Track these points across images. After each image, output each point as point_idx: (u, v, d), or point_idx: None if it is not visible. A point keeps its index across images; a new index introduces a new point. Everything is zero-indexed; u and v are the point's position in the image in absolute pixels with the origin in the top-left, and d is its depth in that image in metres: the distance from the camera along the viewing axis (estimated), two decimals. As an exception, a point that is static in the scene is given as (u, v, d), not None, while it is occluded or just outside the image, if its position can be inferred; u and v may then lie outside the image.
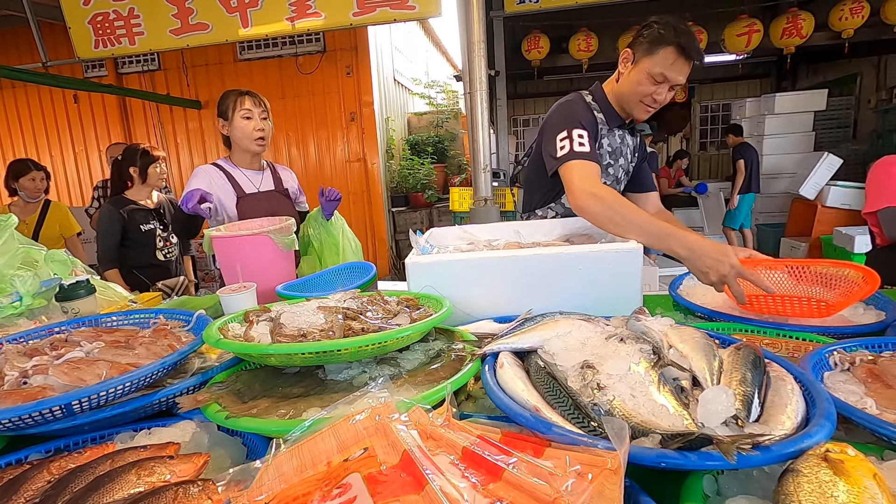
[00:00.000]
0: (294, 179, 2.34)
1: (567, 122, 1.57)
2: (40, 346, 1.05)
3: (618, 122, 1.69)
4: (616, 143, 1.72)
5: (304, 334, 0.92)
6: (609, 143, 1.69)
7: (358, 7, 3.58)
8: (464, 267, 1.26)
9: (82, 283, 1.42)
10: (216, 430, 0.84)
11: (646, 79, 1.54)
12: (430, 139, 7.42)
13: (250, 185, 2.13)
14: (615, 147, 1.71)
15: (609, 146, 1.70)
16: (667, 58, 1.49)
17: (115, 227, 2.70)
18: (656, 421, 0.63)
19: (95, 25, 3.92)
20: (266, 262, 1.62)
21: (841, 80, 7.24)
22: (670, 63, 1.49)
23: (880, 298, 1.22)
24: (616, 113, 1.68)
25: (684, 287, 1.45)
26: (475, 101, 3.22)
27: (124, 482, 0.64)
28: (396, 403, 0.69)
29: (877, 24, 5.02)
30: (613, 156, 1.71)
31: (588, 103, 1.67)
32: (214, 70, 6.23)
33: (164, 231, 2.89)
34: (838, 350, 0.88)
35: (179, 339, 1.10)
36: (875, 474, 0.52)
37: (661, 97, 1.56)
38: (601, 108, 1.67)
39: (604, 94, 1.68)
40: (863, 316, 1.18)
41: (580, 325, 0.89)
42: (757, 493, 0.58)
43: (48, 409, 0.78)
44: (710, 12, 5.30)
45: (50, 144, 6.71)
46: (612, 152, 1.71)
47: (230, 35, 3.81)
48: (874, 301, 1.23)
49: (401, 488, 0.53)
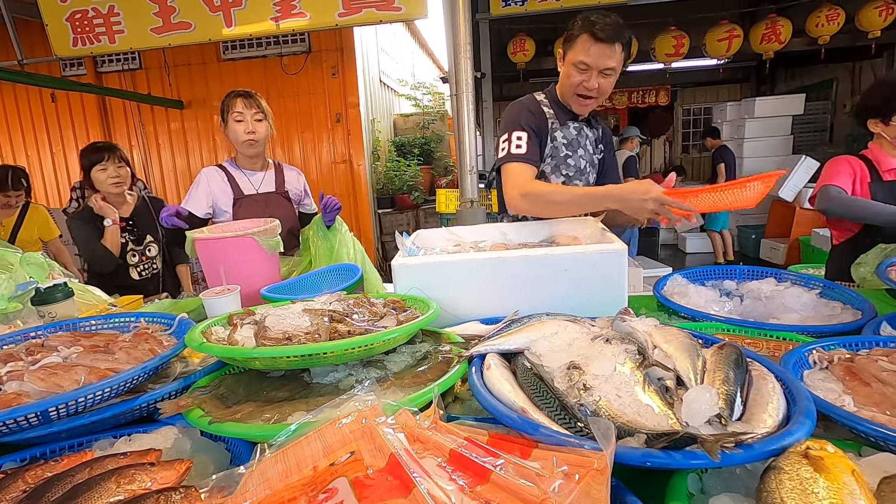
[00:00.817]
0: (300, 181, 2.29)
1: (509, 125, 1.70)
2: (15, 351, 1.02)
3: (570, 117, 1.78)
4: (572, 136, 1.78)
5: (290, 337, 0.91)
6: (564, 135, 1.76)
7: (343, 8, 3.56)
8: (450, 269, 1.26)
9: (59, 287, 1.39)
10: (199, 436, 0.82)
11: (572, 70, 1.63)
12: (416, 141, 7.42)
13: (249, 187, 2.13)
14: (571, 139, 1.78)
15: (564, 139, 1.76)
16: (583, 45, 1.58)
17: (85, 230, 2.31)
18: (642, 421, 0.63)
19: (74, 23, 3.84)
20: (250, 265, 1.60)
21: (818, 85, 7.43)
22: (587, 49, 1.57)
23: (857, 298, 1.25)
24: (566, 108, 1.77)
25: (668, 288, 1.47)
26: (461, 102, 3.22)
27: (103, 490, 0.62)
28: (383, 406, 0.69)
29: (852, 31, 5.16)
30: (571, 147, 1.78)
31: (539, 101, 1.77)
32: (197, 70, 6.14)
33: (138, 244, 2.44)
34: (817, 349, 0.90)
35: (161, 342, 1.08)
36: (853, 470, 0.53)
37: (592, 84, 1.62)
38: (552, 105, 1.76)
39: (555, 92, 1.78)
40: (840, 315, 1.21)
41: (566, 326, 0.90)
42: (740, 491, 0.59)
43: (23, 417, 0.76)
44: (691, 18, 5.40)
45: (26, 144, 6.54)
46: (568, 144, 1.77)
47: (213, 34, 3.76)
48: (851, 301, 1.26)
49: (388, 492, 0.53)
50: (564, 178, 1.78)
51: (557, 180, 1.77)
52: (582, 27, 1.57)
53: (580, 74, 1.62)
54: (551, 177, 1.77)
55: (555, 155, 1.75)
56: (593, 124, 1.88)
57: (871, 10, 4.87)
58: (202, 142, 6.32)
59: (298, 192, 2.27)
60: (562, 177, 1.78)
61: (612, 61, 1.58)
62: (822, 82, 7.36)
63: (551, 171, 1.77)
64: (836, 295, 1.32)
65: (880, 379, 0.79)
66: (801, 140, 7.17)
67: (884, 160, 1.93)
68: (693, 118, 8.92)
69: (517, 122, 1.69)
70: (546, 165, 1.76)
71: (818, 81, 7.41)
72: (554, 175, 1.77)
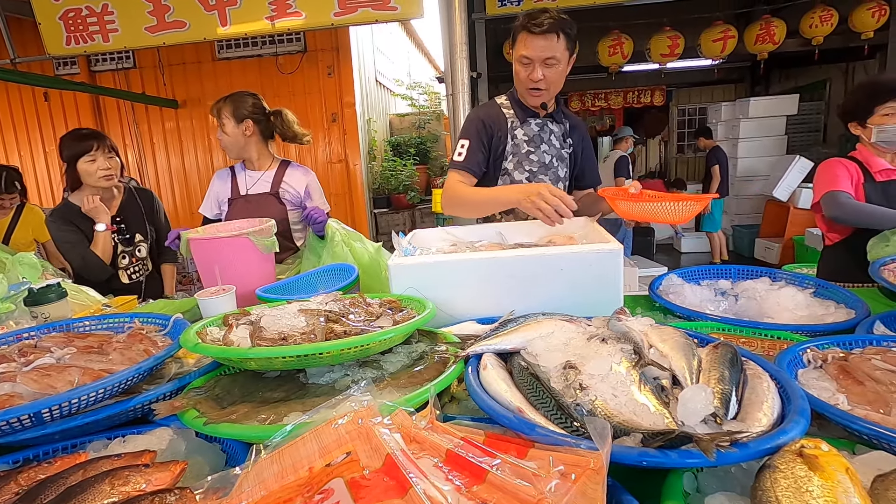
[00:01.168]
0: (303, 182, 2.19)
1: (460, 133, 1.86)
2: (8, 352, 1.01)
3: (530, 114, 1.86)
4: (533, 132, 1.86)
5: (285, 338, 0.90)
6: (525, 133, 1.85)
7: (339, 7, 3.55)
8: (447, 268, 1.26)
9: (53, 287, 1.38)
10: (194, 437, 0.82)
11: (518, 66, 1.74)
12: (412, 140, 7.40)
13: (243, 187, 2.15)
14: (532, 135, 1.85)
15: (525, 135, 1.85)
16: (523, 41, 1.69)
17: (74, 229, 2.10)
18: (637, 420, 0.64)
19: (67, 22, 3.81)
20: (245, 265, 1.59)
21: (811, 86, 7.47)
22: (525, 43, 1.68)
23: (850, 297, 1.26)
24: (526, 106, 1.86)
25: (664, 287, 1.47)
26: (457, 102, 3.23)
27: (97, 492, 0.62)
28: (379, 407, 0.68)
29: (845, 32, 5.19)
30: (532, 143, 1.86)
31: (499, 104, 1.89)
32: (192, 69, 6.11)
33: (127, 244, 2.24)
34: (811, 348, 0.91)
35: (155, 343, 1.08)
36: (847, 468, 0.54)
37: (536, 76, 1.70)
38: (513, 106, 1.87)
39: (516, 92, 1.87)
40: (835, 314, 1.22)
41: (562, 326, 0.90)
42: (735, 490, 0.59)
43: (16, 418, 0.75)
44: (686, 18, 5.42)
45: (19, 143, 6.48)
46: (529, 140, 1.85)
47: (208, 33, 3.74)
48: (844, 300, 1.27)
49: (384, 493, 0.53)
50: (528, 173, 1.85)
51: (521, 176, 1.85)
52: (521, 25, 1.68)
53: (525, 69, 1.72)
54: (514, 173, 1.85)
55: (516, 152, 1.84)
56: (559, 119, 1.93)
57: (864, 11, 4.90)
58: (197, 141, 6.28)
59: (296, 194, 2.17)
60: (525, 172, 1.85)
61: (551, 51, 1.66)
62: (816, 83, 7.40)
63: (514, 167, 1.85)
64: (829, 294, 1.33)
65: (873, 377, 0.79)
66: (795, 140, 7.21)
67: (873, 161, 1.94)
68: (688, 118, 8.95)
69: (465, 130, 1.85)
70: (508, 163, 1.85)
71: (812, 82, 7.46)
72: (517, 171, 1.85)
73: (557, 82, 1.75)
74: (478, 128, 1.82)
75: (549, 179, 1.87)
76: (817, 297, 1.32)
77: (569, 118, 1.97)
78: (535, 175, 1.85)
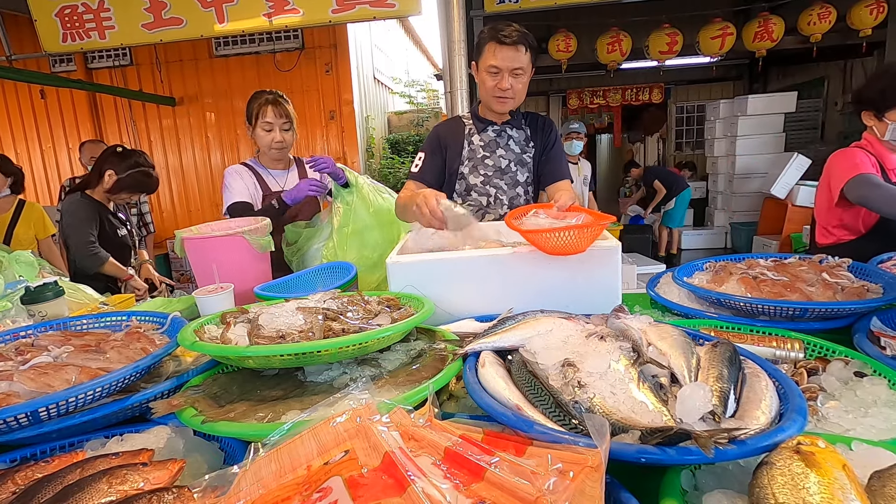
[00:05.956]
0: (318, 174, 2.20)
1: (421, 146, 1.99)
2: (5, 350, 1.00)
3: (487, 122, 1.94)
4: (490, 138, 1.93)
5: (283, 335, 0.90)
6: (481, 139, 1.94)
7: (337, 4, 3.54)
8: (445, 266, 1.26)
9: (50, 286, 1.37)
10: (192, 436, 0.82)
11: (485, 76, 1.78)
12: (410, 138, 7.40)
13: (276, 185, 2.18)
14: (489, 141, 1.93)
15: (481, 141, 1.93)
16: (491, 51, 1.73)
17: (92, 214, 2.37)
18: (636, 417, 0.64)
19: (63, 18, 3.79)
20: (240, 264, 1.59)
21: (809, 83, 7.47)
22: (493, 53, 1.72)
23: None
24: (484, 118, 1.95)
25: (661, 285, 1.47)
26: (455, 100, 3.22)
27: (94, 491, 0.62)
28: (378, 404, 0.68)
29: (843, 30, 5.19)
30: (488, 148, 1.93)
31: (461, 117, 2.01)
32: (189, 66, 6.09)
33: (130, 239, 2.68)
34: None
35: (153, 341, 1.07)
36: (844, 465, 0.54)
37: (504, 85, 1.76)
38: (473, 118, 1.96)
39: (478, 103, 1.97)
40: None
41: (561, 324, 0.90)
42: (733, 487, 0.59)
43: (13, 417, 0.75)
44: (685, 16, 5.41)
45: (15, 140, 6.45)
46: (485, 146, 1.93)
47: (205, 31, 3.73)
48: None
49: (382, 491, 0.53)
50: (483, 176, 1.92)
51: (476, 179, 1.93)
52: (488, 36, 1.73)
53: (493, 78, 1.77)
54: (469, 177, 1.93)
55: (472, 157, 1.93)
56: (518, 125, 1.97)
57: (863, 8, 4.89)
58: (194, 139, 6.27)
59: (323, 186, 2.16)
60: (480, 176, 1.92)
61: (519, 62, 1.72)
62: (814, 80, 7.40)
63: (469, 171, 1.93)
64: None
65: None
66: (793, 138, 7.21)
67: (887, 158, 1.87)
68: (686, 116, 8.95)
69: (424, 144, 1.98)
70: (465, 167, 1.93)
71: (810, 79, 7.45)
72: (472, 175, 1.93)
73: (522, 91, 1.82)
74: (433, 141, 1.95)
75: (504, 183, 1.93)
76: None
77: (532, 123, 2.00)
78: (489, 179, 1.92)
